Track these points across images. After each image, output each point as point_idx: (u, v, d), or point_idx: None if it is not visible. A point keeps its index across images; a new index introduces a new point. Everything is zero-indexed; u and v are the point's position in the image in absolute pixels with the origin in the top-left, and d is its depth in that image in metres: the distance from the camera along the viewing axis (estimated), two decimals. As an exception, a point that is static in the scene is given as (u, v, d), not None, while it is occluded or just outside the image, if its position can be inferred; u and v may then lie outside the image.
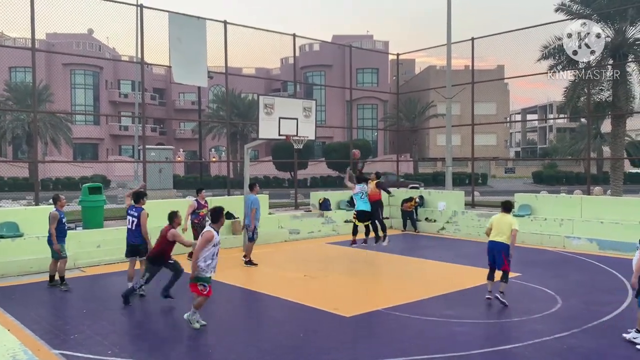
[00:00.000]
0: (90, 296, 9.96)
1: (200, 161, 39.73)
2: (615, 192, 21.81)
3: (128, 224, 9.91)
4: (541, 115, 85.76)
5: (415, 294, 9.74)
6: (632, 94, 21.56)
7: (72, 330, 7.73)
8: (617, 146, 22.37)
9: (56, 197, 10.36)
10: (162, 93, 67.26)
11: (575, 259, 13.30)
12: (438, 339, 7.36)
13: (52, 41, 49.25)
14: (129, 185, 36.00)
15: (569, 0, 21.57)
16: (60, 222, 10.10)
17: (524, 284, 10.54)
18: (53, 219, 10.00)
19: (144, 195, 10.21)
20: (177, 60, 15.92)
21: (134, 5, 16.44)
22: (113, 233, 13.53)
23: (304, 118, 14.79)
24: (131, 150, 55.38)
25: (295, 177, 20.79)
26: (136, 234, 9.81)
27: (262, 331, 7.87)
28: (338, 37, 58.82)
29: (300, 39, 20.23)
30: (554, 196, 17.74)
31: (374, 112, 63.59)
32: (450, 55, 19.79)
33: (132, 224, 9.82)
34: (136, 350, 6.99)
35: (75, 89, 56.92)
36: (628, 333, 7.11)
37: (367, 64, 59.37)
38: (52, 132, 42.66)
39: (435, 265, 12.86)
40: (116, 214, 17.75)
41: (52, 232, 9.96)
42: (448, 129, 20.39)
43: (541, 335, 7.29)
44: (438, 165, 55.43)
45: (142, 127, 17.75)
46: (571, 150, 43.33)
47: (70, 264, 12.37)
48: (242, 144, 42.59)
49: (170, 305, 9.05)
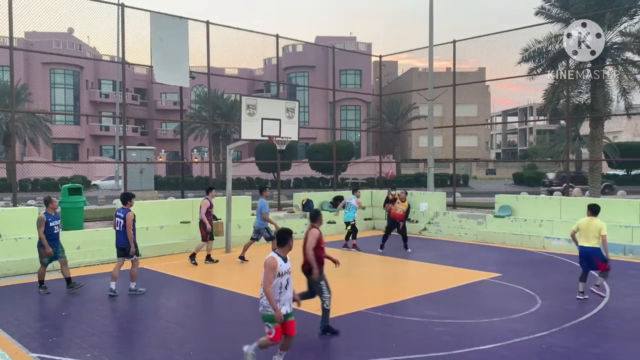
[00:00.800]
0: (69, 298, 9.82)
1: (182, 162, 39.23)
2: (593, 193, 22.16)
3: (116, 225, 9.88)
4: (521, 117, 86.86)
5: (397, 294, 9.79)
6: (610, 97, 21.92)
7: (51, 333, 7.62)
8: (595, 148, 22.73)
9: (47, 199, 10.14)
10: (143, 93, 66.67)
11: (555, 259, 13.48)
12: (420, 339, 7.40)
13: (31, 40, 48.55)
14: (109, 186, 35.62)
15: (548, 5, 21.89)
16: (48, 225, 9.86)
17: (504, 284, 10.65)
18: (40, 223, 9.79)
19: (132, 196, 10.13)
20: (159, 60, 15.80)
21: (115, 5, 16.28)
22: (93, 234, 13.38)
23: (287, 119, 14.79)
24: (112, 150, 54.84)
25: (279, 178, 20.75)
26: (121, 235, 9.77)
27: (243, 332, 7.84)
28: (321, 38, 58.90)
29: (283, 39, 20.21)
30: (534, 197, 17.95)
31: (357, 113, 63.80)
32: (432, 58, 19.94)
33: (119, 225, 9.78)
34: (116, 353, 6.91)
35: (55, 89, 56.15)
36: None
37: (350, 65, 59.57)
38: (30, 132, 42.01)
39: (417, 265, 12.94)
40: (96, 215, 17.56)
41: (40, 236, 9.75)
42: (430, 131, 20.54)
43: (521, 335, 7.38)
44: (420, 166, 55.80)
45: (123, 127, 17.58)
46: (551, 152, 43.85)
47: (50, 266, 12.22)
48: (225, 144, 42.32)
49: (152, 308, 8.97)
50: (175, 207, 15.68)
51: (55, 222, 10.07)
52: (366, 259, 13.80)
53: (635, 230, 13.77)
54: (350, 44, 61.82)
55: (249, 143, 20.61)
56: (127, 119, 19.18)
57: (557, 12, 21.73)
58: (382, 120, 39.08)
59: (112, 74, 49.74)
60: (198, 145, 58.90)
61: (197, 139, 51.64)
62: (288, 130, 14.83)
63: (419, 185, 42.13)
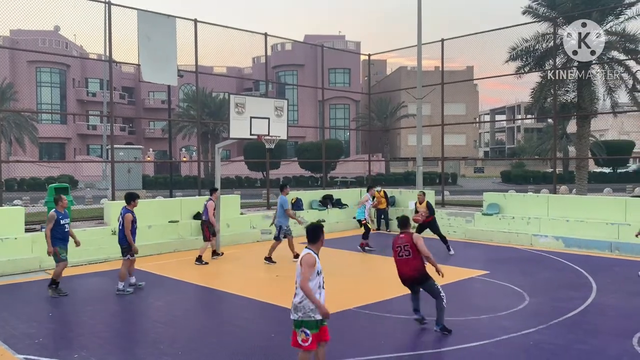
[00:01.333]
0: (56, 299, 9.72)
1: (170, 161, 39.18)
2: (580, 191, 22.37)
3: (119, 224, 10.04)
4: (509, 116, 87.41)
5: (386, 292, 9.81)
6: (596, 96, 22.13)
7: (37, 334, 7.55)
8: (582, 146, 22.94)
9: (57, 197, 10.04)
10: (131, 92, 66.22)
11: (542, 257, 13.59)
12: (408, 337, 7.43)
13: (16, 38, 47.95)
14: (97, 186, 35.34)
15: (535, 4, 22.03)
16: (58, 223, 9.71)
17: (492, 281, 10.72)
18: (50, 220, 9.68)
19: (135, 197, 10.18)
20: (147, 59, 15.69)
21: (102, 2, 16.13)
22: (80, 234, 13.21)
23: (275, 117, 14.77)
24: (99, 149, 54.40)
25: (268, 176, 20.72)
26: (120, 234, 9.93)
27: (232, 332, 7.82)
28: (310, 36, 58.89)
29: (272, 38, 20.15)
30: (522, 195, 18.10)
31: (346, 112, 63.85)
32: (420, 56, 19.98)
33: (120, 224, 9.94)
34: (104, 353, 6.86)
35: (41, 87, 55.59)
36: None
37: (339, 64, 59.57)
38: (16, 131, 41.57)
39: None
40: (84, 215, 17.42)
41: (46, 233, 9.63)
42: (419, 129, 20.59)
43: (509, 332, 7.43)
44: (409, 164, 55.98)
45: (111, 126, 17.45)
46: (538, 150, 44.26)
47: (36, 266, 12.12)
48: (213, 143, 42.17)
49: (140, 308, 8.92)
50: (163, 207, 15.60)
51: (66, 220, 9.91)
52: (353, 257, 13.82)
53: (622, 228, 13.92)
54: (339, 42, 61.83)
55: (237, 142, 20.55)
56: (114, 117, 19.05)
57: (544, 12, 21.88)
58: (371, 118, 39.13)
59: (99, 73, 49.27)
60: (186, 144, 58.61)
61: (186, 138, 51.37)
62: (277, 129, 14.81)
63: (408, 183, 42.27)
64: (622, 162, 52.05)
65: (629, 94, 21.53)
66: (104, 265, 12.76)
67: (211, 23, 17.70)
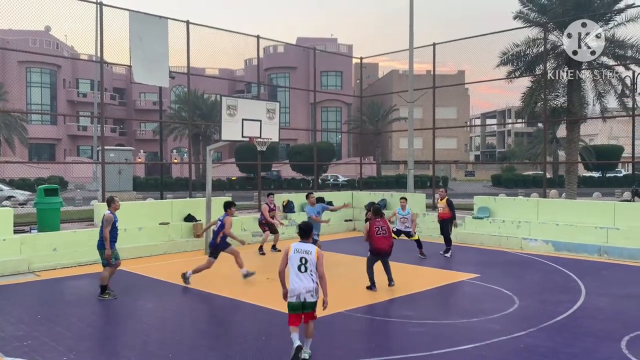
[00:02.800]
0: (45, 301, 9.65)
1: (161, 163, 39.05)
2: (569, 195, 22.54)
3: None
4: (500, 120, 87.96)
5: (376, 295, 9.82)
6: (586, 101, 22.33)
7: (26, 337, 7.47)
8: (571, 151, 23.13)
9: (110, 199, 9.73)
10: (122, 93, 65.93)
11: (532, 260, 13.67)
12: (399, 340, 7.44)
13: (6, 37, 47.59)
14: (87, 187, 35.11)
15: (526, 9, 22.21)
16: (114, 226, 9.49)
17: (482, 284, 10.76)
18: (107, 222, 9.39)
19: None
20: (138, 60, 15.63)
21: (93, 3, 16.06)
22: (70, 236, 13.16)
23: (267, 120, 14.76)
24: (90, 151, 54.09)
25: (259, 178, 20.69)
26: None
27: (223, 335, 7.79)
28: (302, 39, 58.93)
29: (264, 40, 20.15)
30: (512, 199, 18.19)
31: (338, 114, 63.96)
32: (412, 60, 20.06)
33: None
34: (93, 356, 6.81)
35: (31, 88, 55.23)
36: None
37: (331, 66, 59.73)
38: (5, 131, 41.26)
39: (396, 267, 12.96)
40: (74, 217, 17.30)
41: (105, 235, 9.36)
42: (410, 133, 20.66)
43: (499, 335, 7.46)
44: (401, 168, 56.16)
45: (102, 127, 17.34)
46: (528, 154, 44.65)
47: (25, 268, 12.01)
48: (205, 145, 42.08)
49: (129, 310, 8.86)
50: (154, 209, 15.53)
51: (117, 223, 9.70)
52: (346, 260, 13.81)
53: (610, 232, 14.03)
54: (331, 45, 61.98)
55: (229, 144, 20.50)
56: (105, 118, 18.94)
57: (535, 17, 22.07)
58: (363, 121, 39.19)
59: (90, 73, 49.02)
60: (178, 146, 58.45)
61: (177, 140, 51.24)
62: (269, 131, 14.80)
63: (399, 186, 42.34)
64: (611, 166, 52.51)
65: (618, 99, 21.77)
66: (93, 267, 12.66)
67: (203, 25, 17.66)
